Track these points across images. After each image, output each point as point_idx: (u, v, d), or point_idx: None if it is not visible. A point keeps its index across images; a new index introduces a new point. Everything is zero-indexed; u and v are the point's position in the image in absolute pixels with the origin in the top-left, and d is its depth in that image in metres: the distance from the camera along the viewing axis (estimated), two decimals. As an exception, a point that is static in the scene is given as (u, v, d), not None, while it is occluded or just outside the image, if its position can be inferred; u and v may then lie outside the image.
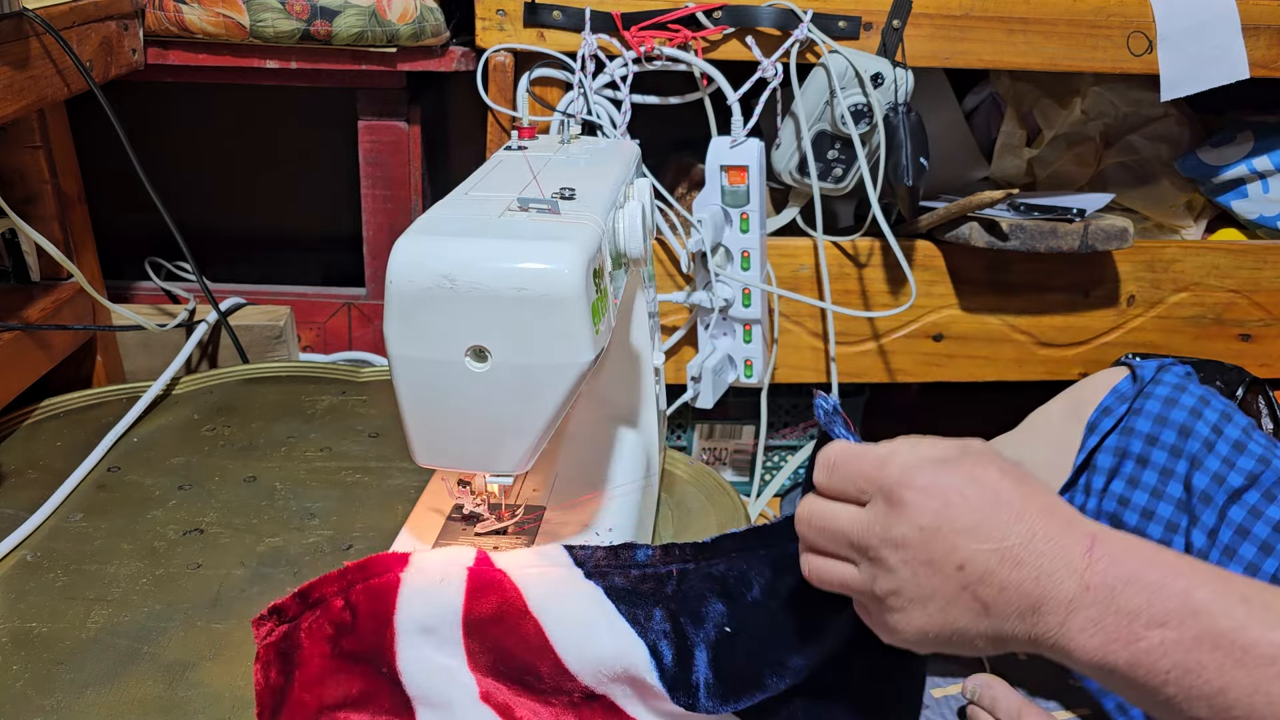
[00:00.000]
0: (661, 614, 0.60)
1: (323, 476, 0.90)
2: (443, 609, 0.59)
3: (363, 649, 0.59)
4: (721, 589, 0.60)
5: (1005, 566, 0.48)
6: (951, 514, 0.49)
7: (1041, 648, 0.48)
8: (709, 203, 1.08)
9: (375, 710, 0.59)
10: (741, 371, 1.14)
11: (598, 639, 0.60)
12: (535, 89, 1.09)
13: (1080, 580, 0.47)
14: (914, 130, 1.06)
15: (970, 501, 0.49)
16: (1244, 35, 1.09)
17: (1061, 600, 0.47)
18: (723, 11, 1.04)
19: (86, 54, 0.99)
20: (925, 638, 0.50)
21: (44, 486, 0.86)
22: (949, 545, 0.49)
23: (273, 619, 0.59)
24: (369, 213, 1.23)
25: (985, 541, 0.48)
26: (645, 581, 0.61)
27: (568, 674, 0.60)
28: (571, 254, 0.56)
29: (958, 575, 0.48)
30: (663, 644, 0.59)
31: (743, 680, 0.59)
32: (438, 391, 0.59)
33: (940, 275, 1.17)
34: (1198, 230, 1.28)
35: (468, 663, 0.60)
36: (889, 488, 0.50)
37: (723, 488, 0.92)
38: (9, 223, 1.00)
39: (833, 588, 0.54)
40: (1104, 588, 0.46)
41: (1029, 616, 0.48)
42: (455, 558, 0.61)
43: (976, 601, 0.48)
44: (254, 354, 1.17)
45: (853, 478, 0.53)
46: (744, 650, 0.59)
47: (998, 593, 0.48)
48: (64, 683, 0.66)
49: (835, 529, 0.53)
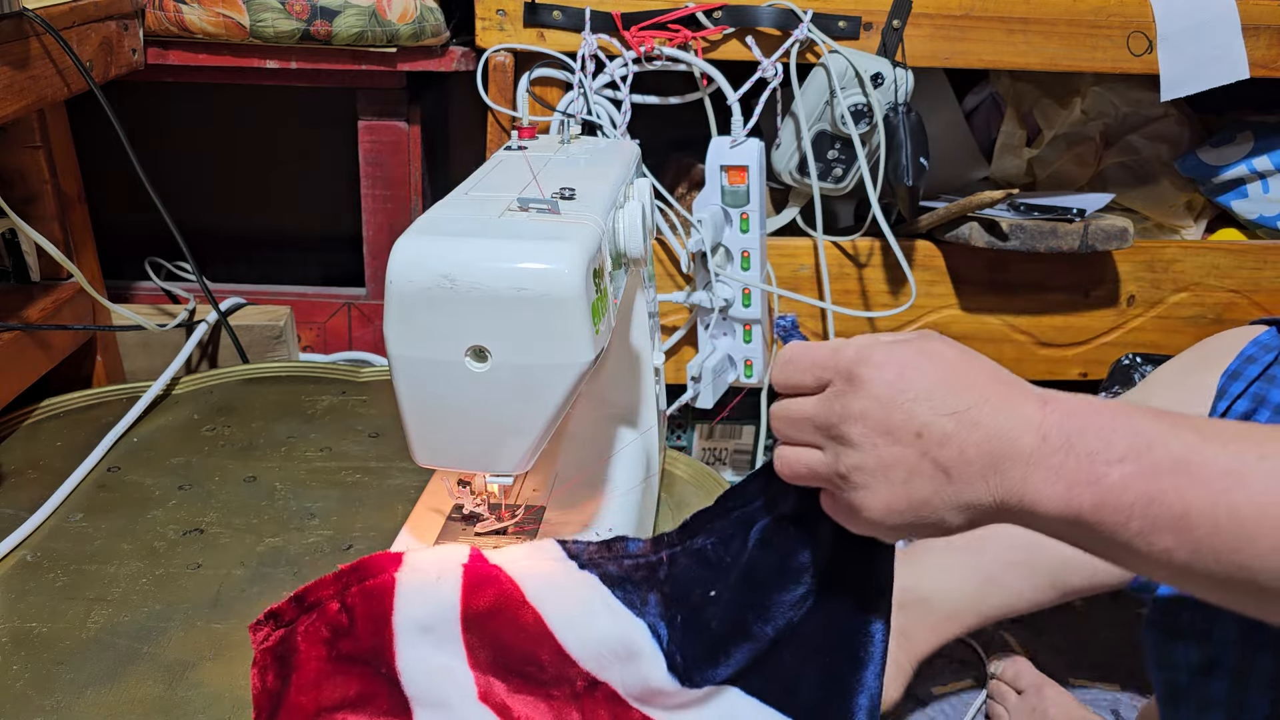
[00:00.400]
0: (656, 598, 0.61)
1: (323, 476, 0.90)
2: (440, 606, 0.59)
3: (361, 651, 0.59)
4: (704, 561, 0.61)
5: (963, 429, 0.49)
6: (906, 384, 0.50)
7: (1008, 512, 0.49)
8: (709, 203, 1.08)
9: (373, 712, 0.59)
10: (741, 371, 1.14)
11: (597, 622, 0.60)
12: (535, 89, 1.09)
13: (1037, 433, 0.48)
14: (914, 130, 1.06)
15: (924, 371, 0.50)
16: (1244, 35, 1.09)
17: (1021, 455, 0.48)
18: (723, 11, 1.04)
19: (86, 54, 0.99)
20: (891, 513, 0.51)
21: (44, 486, 0.86)
22: (906, 414, 0.50)
23: (269, 623, 0.59)
24: (369, 213, 1.23)
25: (941, 407, 0.49)
26: (639, 570, 0.61)
27: (569, 660, 0.60)
28: (571, 254, 0.56)
29: (917, 443, 0.49)
30: (660, 625, 0.60)
31: (729, 636, 0.60)
32: (438, 391, 0.59)
33: (940, 275, 1.17)
34: (1198, 230, 1.28)
35: (467, 659, 0.60)
36: (845, 367, 0.52)
37: (722, 488, 0.92)
38: (9, 223, 1.00)
39: (800, 476, 0.55)
40: (1060, 436, 0.47)
41: (991, 477, 0.48)
42: (450, 555, 0.61)
43: (938, 469, 0.49)
44: (254, 354, 1.17)
45: (809, 367, 0.54)
46: (727, 607, 0.60)
47: (957, 455, 0.49)
48: (64, 683, 0.66)
49: (799, 415, 0.54)
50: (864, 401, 0.50)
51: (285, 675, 0.58)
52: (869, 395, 0.50)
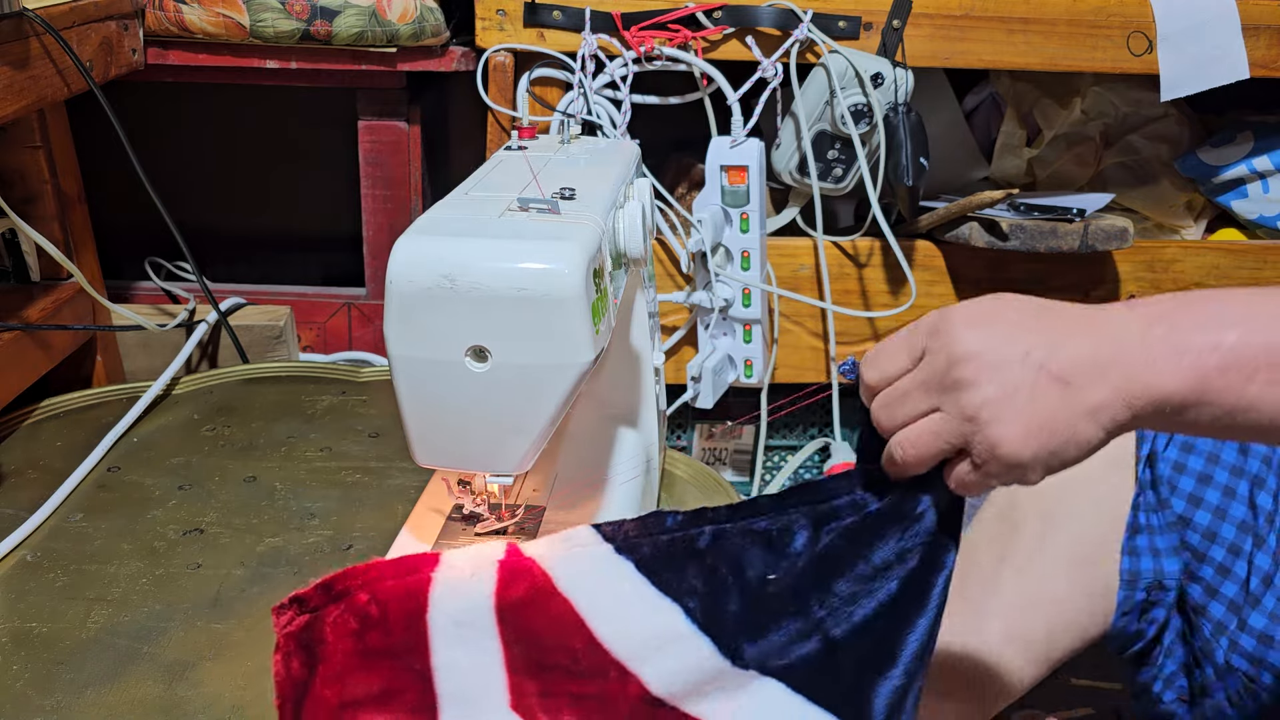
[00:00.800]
0: (694, 569, 0.60)
1: (323, 476, 0.90)
2: (475, 601, 0.59)
3: (391, 645, 0.58)
4: (765, 540, 0.60)
5: (1067, 340, 0.51)
6: (998, 316, 0.52)
7: (1134, 406, 0.50)
8: (709, 203, 1.08)
9: (398, 708, 0.59)
10: (741, 371, 1.14)
11: (631, 611, 0.59)
12: (535, 89, 1.09)
13: (1141, 323, 0.50)
14: (914, 130, 1.06)
15: (1010, 306, 0.53)
16: (1244, 35, 1.09)
17: (1132, 345, 0.50)
18: (723, 11, 1.04)
19: (86, 54, 0.99)
20: (1029, 439, 0.51)
21: (44, 486, 0.85)
22: (1007, 339, 0.51)
23: (293, 608, 0.58)
24: (369, 213, 1.23)
25: (1035, 329, 0.51)
26: (675, 545, 0.60)
27: (602, 649, 0.59)
28: (572, 254, 0.56)
29: (1027, 361, 0.51)
30: (692, 601, 0.59)
31: (786, 616, 0.59)
32: (438, 391, 0.59)
33: (940, 275, 1.17)
34: (1198, 230, 1.28)
35: (503, 657, 0.59)
36: (932, 325, 0.53)
37: (722, 488, 0.92)
38: (9, 223, 1.00)
39: (926, 449, 0.54)
40: (1163, 323, 0.50)
41: (1110, 373, 0.50)
42: (485, 553, 0.60)
43: (1055, 380, 0.50)
44: (254, 354, 1.17)
45: (897, 347, 0.55)
46: (789, 592, 0.59)
47: (1069, 362, 0.50)
48: (64, 683, 0.66)
49: (907, 387, 0.54)
50: (964, 343, 0.51)
51: (311, 665, 0.57)
52: (967, 337, 0.52)
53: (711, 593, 0.60)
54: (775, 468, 1.29)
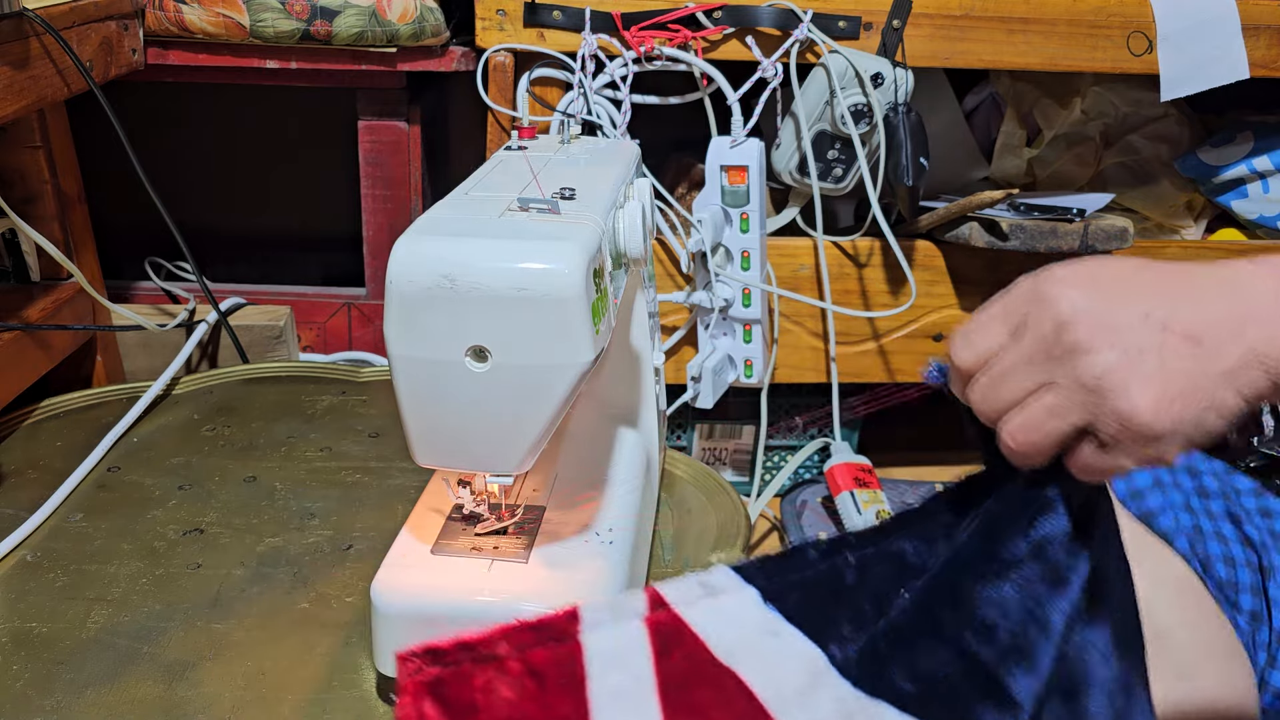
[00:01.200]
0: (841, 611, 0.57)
1: (323, 476, 0.90)
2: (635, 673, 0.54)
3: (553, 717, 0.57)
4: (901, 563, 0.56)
5: (1189, 294, 0.45)
6: (1105, 275, 0.46)
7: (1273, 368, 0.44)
8: (709, 203, 1.08)
9: None
10: (741, 371, 1.14)
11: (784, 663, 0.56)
12: (535, 89, 1.09)
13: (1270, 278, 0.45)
14: (914, 130, 1.06)
15: (1111, 264, 0.47)
16: (1244, 35, 1.09)
17: (1264, 298, 0.44)
18: (723, 11, 1.04)
19: (86, 54, 0.99)
20: (1163, 407, 0.44)
21: (44, 486, 0.86)
22: (1121, 298, 0.45)
23: (426, 657, 0.56)
24: (369, 213, 1.23)
25: (1151, 286, 0.45)
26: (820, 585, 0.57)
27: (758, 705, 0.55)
28: (572, 254, 0.56)
29: (1148, 323, 0.45)
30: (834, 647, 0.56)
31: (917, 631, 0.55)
32: (438, 391, 0.59)
33: (940, 275, 1.17)
34: (1198, 230, 1.28)
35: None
36: (1032, 291, 0.47)
37: (723, 488, 0.92)
38: (9, 223, 1.00)
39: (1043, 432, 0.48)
40: None
41: (1247, 330, 0.44)
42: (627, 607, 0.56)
43: (1185, 339, 0.44)
44: (254, 354, 1.17)
45: (989, 323, 0.48)
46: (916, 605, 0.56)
47: (1198, 318, 0.44)
48: (64, 683, 0.66)
49: (1009, 364, 0.48)
50: (1073, 303, 0.45)
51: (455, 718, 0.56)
52: (1074, 296, 0.45)
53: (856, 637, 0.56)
54: (775, 468, 1.29)
